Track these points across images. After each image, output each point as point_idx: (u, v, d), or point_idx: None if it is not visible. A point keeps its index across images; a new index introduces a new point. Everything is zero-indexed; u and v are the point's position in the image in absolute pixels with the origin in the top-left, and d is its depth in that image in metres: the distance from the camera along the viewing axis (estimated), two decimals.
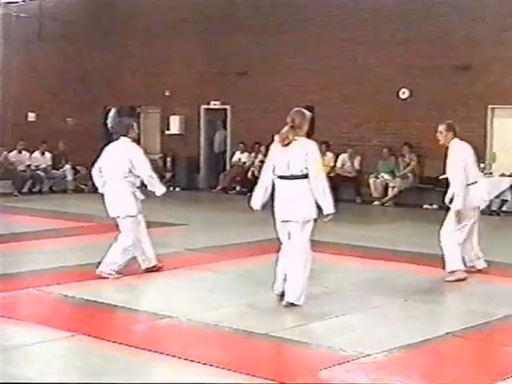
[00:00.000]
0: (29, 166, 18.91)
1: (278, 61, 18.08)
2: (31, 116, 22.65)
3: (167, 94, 19.97)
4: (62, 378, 5.62)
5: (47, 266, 9.23)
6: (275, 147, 7.38)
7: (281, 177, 7.25)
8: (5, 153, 18.74)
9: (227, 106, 19.21)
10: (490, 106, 15.82)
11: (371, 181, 16.86)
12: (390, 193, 16.61)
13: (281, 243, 7.54)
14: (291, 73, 17.89)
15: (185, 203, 16.73)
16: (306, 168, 7.12)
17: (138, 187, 8.74)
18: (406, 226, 13.65)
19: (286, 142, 7.21)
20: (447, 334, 6.66)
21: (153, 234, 8.96)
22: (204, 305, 7.52)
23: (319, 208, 7.33)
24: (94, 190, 9.29)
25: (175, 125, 19.87)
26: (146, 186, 8.81)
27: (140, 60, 20.25)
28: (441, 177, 15.31)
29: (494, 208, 14.85)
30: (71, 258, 9.79)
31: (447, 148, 8.99)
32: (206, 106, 19.62)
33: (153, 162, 20.15)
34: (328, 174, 17.26)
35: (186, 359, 5.90)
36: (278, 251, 10.00)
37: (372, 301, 7.84)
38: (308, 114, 7.35)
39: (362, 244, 11.05)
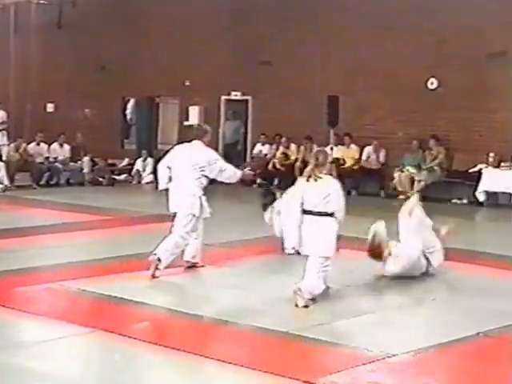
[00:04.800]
0: (47, 158, 18.80)
1: (302, 50, 17.77)
2: (50, 107, 22.54)
3: (187, 83, 19.76)
4: (82, 373, 5.64)
5: (66, 260, 9.23)
6: (302, 183, 7.63)
7: (308, 212, 7.47)
8: (24, 144, 18.64)
9: (248, 97, 18.97)
10: None
11: (396, 174, 16.57)
12: (416, 187, 16.32)
13: None
14: (315, 62, 17.57)
15: None
16: (329, 206, 7.46)
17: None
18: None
19: (314, 179, 7.50)
20: (478, 334, 6.48)
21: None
22: (223, 301, 7.45)
23: None
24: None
25: (194, 115, 19.66)
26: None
27: (160, 49, 20.02)
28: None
29: None
30: (90, 252, 9.79)
31: None
32: (227, 97, 19.40)
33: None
34: (352, 166, 17.15)
35: (205, 356, 5.82)
36: None
37: (398, 299, 7.74)
38: (330, 153, 8.27)
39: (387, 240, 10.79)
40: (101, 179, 18.71)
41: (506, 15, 15.32)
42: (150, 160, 19.44)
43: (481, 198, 15.09)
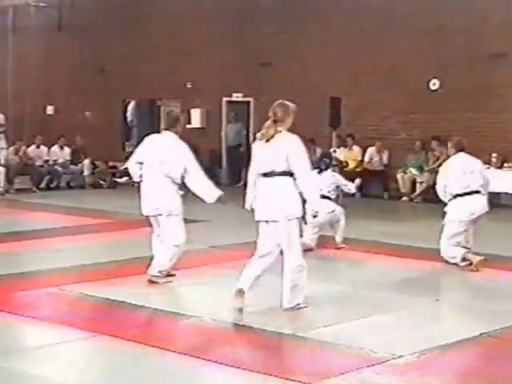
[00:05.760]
0: (47, 161, 18.74)
1: (304, 51, 17.70)
2: (49, 109, 22.47)
3: (188, 86, 19.71)
4: (84, 378, 5.58)
5: (67, 264, 9.19)
6: (257, 144, 7.02)
7: (263, 174, 6.92)
8: (23, 147, 18.57)
9: (250, 99, 18.90)
10: None
11: (399, 176, 16.52)
12: (418, 188, 16.28)
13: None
14: (317, 63, 17.52)
15: None
16: (277, 165, 6.80)
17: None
18: (435, 223, 13.30)
19: (266, 138, 6.86)
20: (482, 334, 6.44)
21: None
22: (226, 304, 7.31)
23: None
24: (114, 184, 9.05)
25: (196, 118, 19.63)
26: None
27: (161, 51, 19.97)
28: None
29: None
30: (92, 255, 9.76)
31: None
32: (228, 99, 19.33)
33: None
34: (355, 168, 17.08)
35: (208, 360, 5.75)
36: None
37: (402, 300, 7.65)
38: (292, 106, 7.02)
39: (390, 241, 10.85)
40: (102, 182, 18.67)
41: (507, 16, 15.27)
42: None
43: None
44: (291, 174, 6.81)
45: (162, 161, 8.05)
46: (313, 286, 8.01)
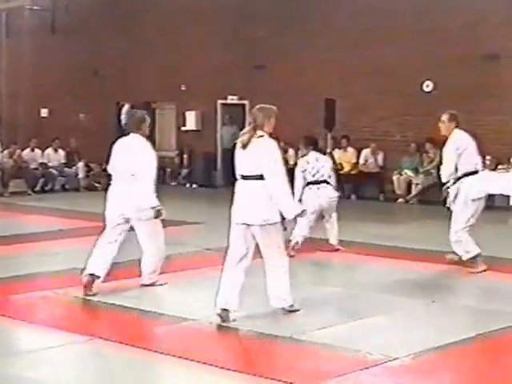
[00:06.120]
0: (41, 163, 18.71)
1: (299, 52, 17.70)
2: (44, 112, 22.45)
3: (183, 88, 19.69)
4: (80, 382, 5.58)
5: (62, 267, 9.16)
6: (237, 150, 6.96)
7: (242, 177, 6.90)
8: (18, 151, 18.57)
9: (245, 101, 18.90)
10: None
11: (395, 177, 16.53)
12: (414, 190, 16.28)
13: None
14: (312, 65, 17.51)
15: (202, 200, 16.63)
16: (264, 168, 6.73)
17: None
18: (431, 225, 13.36)
19: (244, 144, 6.81)
20: (478, 335, 6.45)
21: (169, 233, 8.70)
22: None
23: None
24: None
25: (191, 121, 19.64)
26: None
27: (155, 54, 19.96)
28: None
29: None
30: (87, 259, 9.59)
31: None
32: (223, 101, 19.32)
33: (169, 158, 20.13)
34: (350, 170, 17.07)
35: (207, 364, 5.73)
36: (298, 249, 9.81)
37: (398, 302, 7.65)
38: (274, 108, 6.94)
39: (386, 243, 10.83)
40: (96, 184, 18.65)
41: (501, 17, 15.29)
42: None
43: None
44: None
45: (127, 163, 7.89)
46: (309, 288, 8.05)
